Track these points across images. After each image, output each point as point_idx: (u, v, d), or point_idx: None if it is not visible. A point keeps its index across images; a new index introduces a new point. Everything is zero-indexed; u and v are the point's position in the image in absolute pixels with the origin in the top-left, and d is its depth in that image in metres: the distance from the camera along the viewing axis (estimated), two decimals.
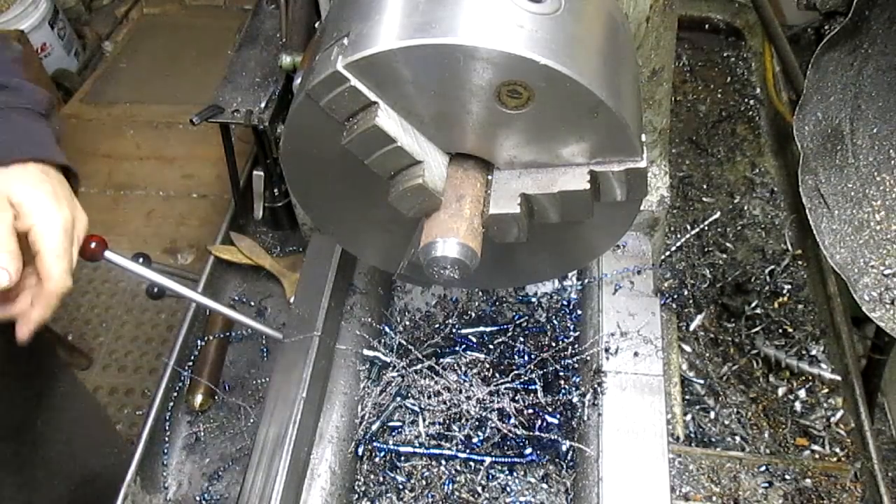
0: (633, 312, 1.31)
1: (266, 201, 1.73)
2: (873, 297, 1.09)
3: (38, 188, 1.02)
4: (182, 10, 4.31)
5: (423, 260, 0.89)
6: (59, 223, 1.01)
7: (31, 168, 1.04)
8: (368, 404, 1.31)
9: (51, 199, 1.02)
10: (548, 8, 0.82)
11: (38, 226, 1.00)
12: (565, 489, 1.25)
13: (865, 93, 1.10)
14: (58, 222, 1.01)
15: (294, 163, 0.97)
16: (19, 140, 1.05)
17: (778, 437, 1.43)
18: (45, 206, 1.01)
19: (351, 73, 0.81)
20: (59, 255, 1.00)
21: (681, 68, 2.17)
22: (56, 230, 1.01)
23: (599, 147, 0.86)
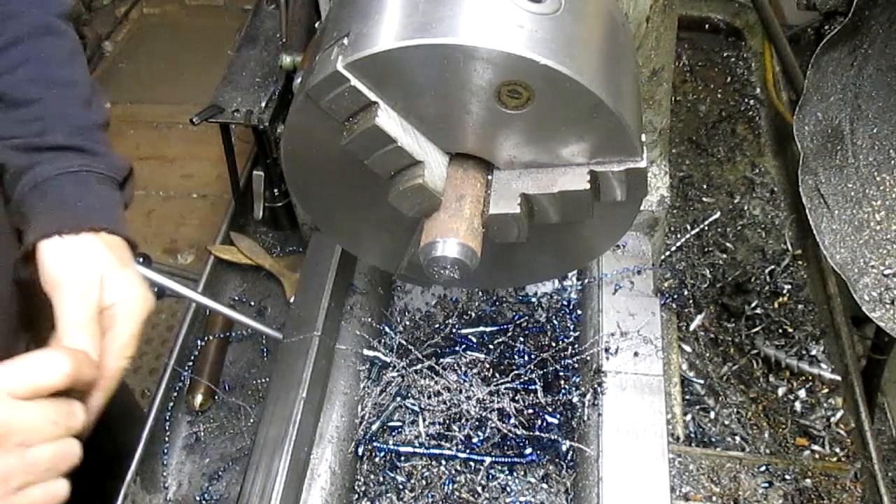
0: (633, 312, 1.31)
1: (266, 201, 1.73)
2: (873, 297, 1.09)
3: (127, 267, 1.01)
4: (182, 10, 4.32)
5: (423, 260, 0.89)
6: (144, 309, 1.00)
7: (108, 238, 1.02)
8: (368, 404, 1.31)
9: (139, 283, 1.01)
10: (548, 8, 0.82)
11: (121, 306, 0.98)
12: (565, 489, 1.25)
13: (865, 93, 1.10)
14: (143, 308, 1.00)
15: (294, 163, 0.97)
16: (95, 208, 1.03)
17: (778, 437, 1.43)
18: (133, 289, 1.00)
19: (351, 73, 0.81)
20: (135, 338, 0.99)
21: (681, 68, 2.17)
22: (140, 316, 1.00)
23: (599, 147, 0.86)
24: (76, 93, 1.09)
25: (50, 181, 1.02)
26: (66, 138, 1.05)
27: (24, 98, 1.05)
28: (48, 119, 1.05)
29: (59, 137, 1.04)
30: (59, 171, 1.03)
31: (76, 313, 0.95)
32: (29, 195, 1.03)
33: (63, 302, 0.95)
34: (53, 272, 0.97)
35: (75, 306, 0.95)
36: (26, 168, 1.03)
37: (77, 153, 1.05)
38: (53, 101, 1.06)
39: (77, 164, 1.04)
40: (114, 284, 0.99)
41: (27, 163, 1.03)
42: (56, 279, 0.97)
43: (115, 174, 1.08)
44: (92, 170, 1.05)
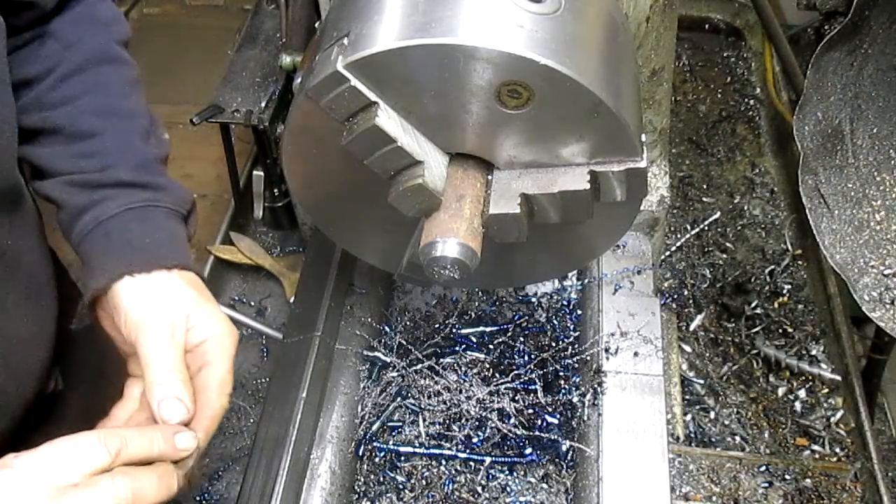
0: (633, 312, 1.31)
1: (266, 201, 1.73)
2: (873, 297, 1.09)
3: (209, 302, 0.97)
4: (182, 10, 4.31)
5: (423, 260, 0.89)
6: (233, 344, 0.96)
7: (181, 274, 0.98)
8: (368, 404, 1.31)
9: (223, 317, 0.97)
10: (548, 8, 0.82)
11: (211, 342, 0.94)
12: (565, 489, 1.25)
13: (865, 93, 1.10)
14: (232, 343, 0.96)
15: (294, 163, 0.97)
16: (164, 244, 0.98)
17: (778, 437, 1.43)
18: (219, 324, 0.96)
19: (351, 73, 0.81)
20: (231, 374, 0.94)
21: (681, 68, 2.17)
22: (231, 351, 0.95)
23: (599, 147, 0.86)
24: (136, 125, 1.04)
25: (114, 219, 0.97)
26: (129, 174, 0.99)
27: (84, 131, 0.99)
28: (109, 154, 1.00)
29: (121, 173, 0.99)
30: (122, 207, 0.97)
31: (165, 357, 0.90)
32: (91, 235, 0.97)
33: (149, 345, 0.90)
34: (135, 314, 0.92)
35: (164, 349, 0.91)
36: (87, 206, 0.98)
37: (140, 189, 1.00)
38: (114, 135, 1.01)
39: (141, 198, 0.99)
40: (199, 321, 0.95)
41: (87, 201, 0.98)
42: (139, 322, 0.91)
43: (180, 207, 1.04)
44: (158, 204, 1.00)
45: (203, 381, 0.92)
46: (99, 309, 0.99)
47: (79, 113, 1.00)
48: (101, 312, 0.99)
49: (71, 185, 0.98)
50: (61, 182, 0.99)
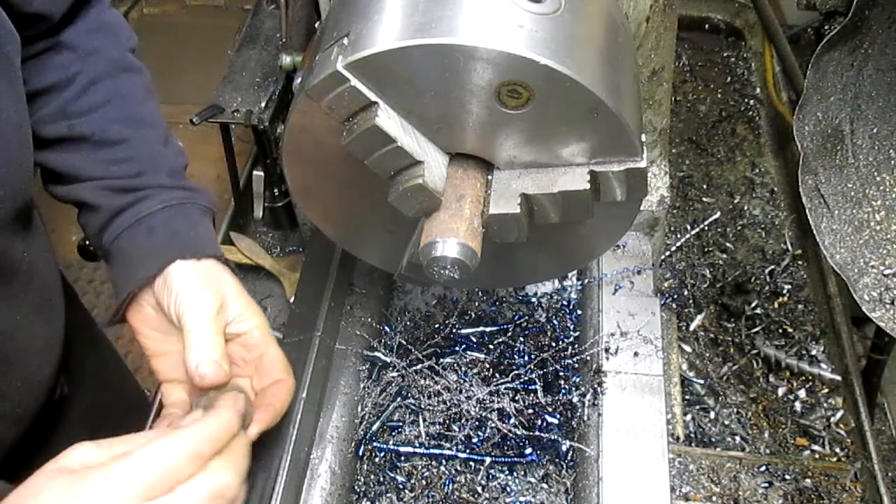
0: (633, 312, 1.31)
1: (266, 201, 1.73)
2: (873, 297, 1.09)
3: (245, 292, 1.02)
4: (182, 10, 4.31)
5: (423, 260, 0.89)
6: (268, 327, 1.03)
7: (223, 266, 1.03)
8: (368, 404, 1.31)
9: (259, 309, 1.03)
10: (548, 8, 0.82)
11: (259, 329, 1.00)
12: (565, 489, 1.25)
13: (865, 93, 1.10)
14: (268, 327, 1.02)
15: (294, 163, 0.97)
16: (206, 238, 1.04)
17: (778, 437, 1.43)
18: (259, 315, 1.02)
19: (351, 73, 0.81)
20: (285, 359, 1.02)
21: (681, 68, 2.17)
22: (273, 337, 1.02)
23: (599, 147, 0.86)
24: (159, 132, 1.08)
25: (155, 215, 1.01)
26: (165, 179, 1.04)
27: (112, 139, 1.03)
28: (141, 160, 1.04)
29: (159, 178, 1.04)
30: (162, 204, 1.02)
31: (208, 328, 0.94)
32: (131, 230, 1.01)
33: (195, 317, 0.94)
34: (186, 291, 0.96)
35: (207, 322, 0.94)
36: (126, 206, 1.02)
37: (178, 189, 1.05)
38: (141, 142, 1.05)
39: (179, 196, 1.04)
40: (244, 311, 1.00)
41: (126, 201, 1.02)
42: (189, 297, 0.95)
43: (212, 206, 1.09)
44: (195, 202, 1.06)
45: (269, 366, 1.00)
46: (134, 304, 1.02)
47: (105, 121, 1.02)
48: (135, 307, 1.02)
49: (107, 189, 1.02)
50: (95, 186, 1.02)
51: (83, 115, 1.02)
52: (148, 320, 1.01)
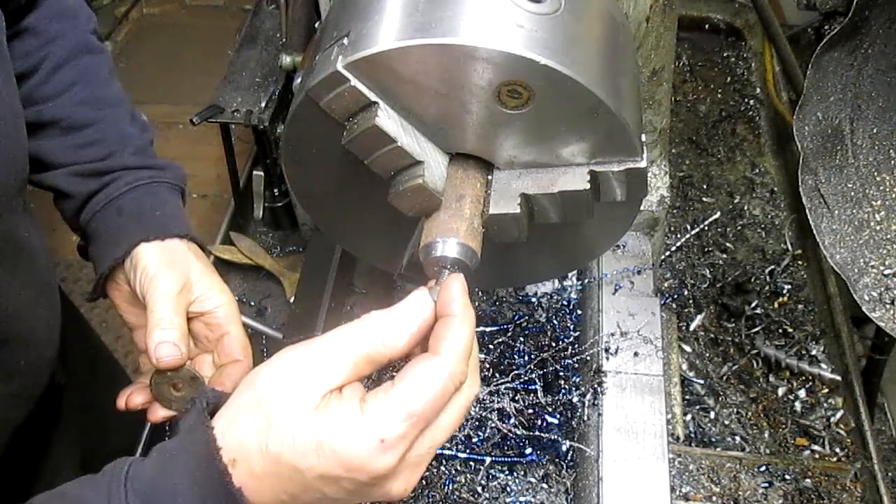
0: (633, 312, 1.31)
1: (266, 201, 1.73)
2: (873, 297, 1.09)
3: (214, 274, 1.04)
4: (182, 10, 4.31)
5: (423, 260, 0.89)
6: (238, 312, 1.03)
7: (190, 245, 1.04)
8: None
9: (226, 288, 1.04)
10: (548, 8, 0.82)
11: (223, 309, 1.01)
12: (565, 489, 1.25)
13: (865, 93, 1.10)
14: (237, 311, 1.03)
15: (294, 163, 0.97)
16: (173, 217, 1.05)
17: (778, 437, 1.43)
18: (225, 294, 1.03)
19: (351, 73, 0.81)
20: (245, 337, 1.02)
21: (681, 68, 2.17)
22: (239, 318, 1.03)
23: (599, 147, 0.86)
24: (123, 111, 1.10)
25: (124, 196, 1.03)
26: (132, 159, 1.06)
27: (79, 122, 1.05)
28: (108, 142, 1.06)
29: (125, 159, 1.06)
30: (130, 185, 1.04)
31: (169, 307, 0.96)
32: (102, 212, 1.03)
33: (158, 295, 0.96)
34: (151, 270, 0.98)
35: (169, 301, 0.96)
36: (96, 190, 1.04)
37: (145, 169, 1.07)
38: (107, 123, 1.07)
39: (146, 176, 1.06)
40: (208, 290, 1.01)
41: (96, 186, 1.04)
42: (153, 276, 0.97)
43: (180, 182, 1.11)
44: (162, 180, 1.07)
45: (228, 347, 1.01)
46: (111, 281, 1.05)
47: (72, 104, 1.05)
48: (112, 284, 1.05)
49: (77, 175, 1.04)
50: (66, 173, 1.04)
51: (50, 100, 1.05)
52: (124, 296, 1.05)
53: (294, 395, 0.65)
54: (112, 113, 1.08)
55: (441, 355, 0.68)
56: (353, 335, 0.70)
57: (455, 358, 0.68)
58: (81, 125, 1.05)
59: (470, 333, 0.71)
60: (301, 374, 0.67)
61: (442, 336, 0.70)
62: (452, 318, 0.71)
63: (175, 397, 0.97)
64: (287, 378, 0.67)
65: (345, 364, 0.67)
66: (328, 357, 0.67)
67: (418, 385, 0.66)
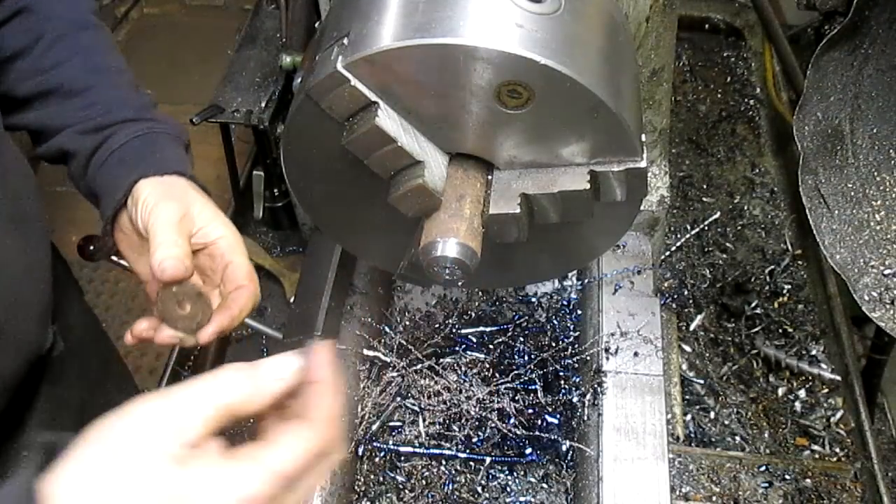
0: (633, 312, 1.31)
1: (266, 201, 1.73)
2: (873, 297, 1.09)
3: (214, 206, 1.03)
4: (182, 10, 4.31)
5: (423, 260, 0.89)
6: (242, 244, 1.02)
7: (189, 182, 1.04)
8: (368, 404, 1.31)
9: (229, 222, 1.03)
10: (547, 8, 0.82)
11: (225, 240, 1.01)
12: (565, 489, 1.25)
13: (865, 93, 1.10)
14: (242, 243, 1.02)
15: (294, 163, 0.97)
16: (173, 159, 1.06)
17: (778, 437, 1.43)
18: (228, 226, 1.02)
19: (351, 73, 0.81)
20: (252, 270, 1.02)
21: (681, 68, 2.17)
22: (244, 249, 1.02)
23: (599, 147, 0.86)
24: (125, 78, 1.13)
25: (124, 147, 1.05)
26: (131, 113, 1.08)
27: (78, 87, 1.08)
28: (108, 101, 1.08)
29: (125, 113, 1.08)
30: (130, 136, 1.06)
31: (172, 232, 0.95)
32: (105, 165, 1.05)
33: (160, 223, 0.96)
34: (151, 202, 0.98)
35: (172, 227, 0.96)
36: (98, 145, 1.06)
37: (144, 121, 1.08)
38: (107, 86, 1.10)
39: (146, 127, 1.07)
40: (210, 221, 1.01)
41: (100, 140, 1.06)
42: (153, 207, 0.97)
43: (181, 135, 1.12)
44: (161, 131, 1.09)
45: (233, 274, 1.00)
46: (119, 233, 1.06)
47: (71, 73, 1.08)
48: (120, 235, 1.06)
49: (80, 133, 1.06)
50: (69, 133, 1.07)
51: (50, 70, 1.08)
52: (132, 244, 1.05)
53: (150, 447, 0.61)
54: (111, 79, 1.11)
55: (314, 421, 0.69)
56: (215, 388, 0.68)
57: (327, 424, 0.69)
58: (81, 89, 1.08)
59: (338, 400, 0.72)
60: (158, 426, 0.62)
61: (314, 403, 0.70)
62: (323, 384, 0.71)
63: (180, 315, 0.96)
64: (142, 430, 0.62)
65: (204, 417, 0.64)
66: (187, 409, 0.64)
67: (289, 448, 0.66)
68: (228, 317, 0.99)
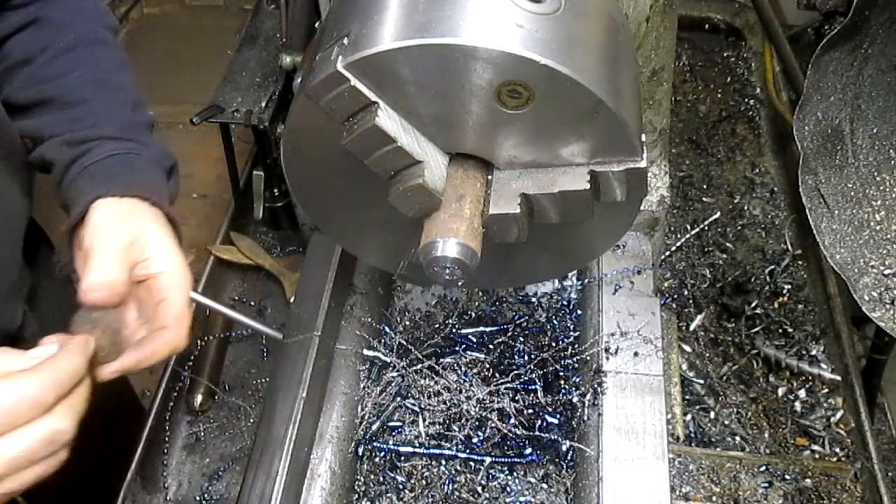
0: (633, 312, 1.31)
1: (266, 201, 1.73)
2: (873, 297, 1.09)
3: (169, 237, 1.00)
4: (182, 10, 4.31)
5: (423, 260, 0.89)
6: (188, 282, 0.99)
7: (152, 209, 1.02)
8: (368, 404, 1.31)
9: (182, 256, 1.00)
10: (548, 8, 0.82)
11: (167, 275, 0.97)
12: (565, 489, 1.25)
13: (865, 93, 1.10)
14: (188, 281, 0.99)
15: (294, 163, 0.97)
16: (141, 181, 1.04)
17: (778, 437, 1.43)
18: (177, 260, 0.99)
19: (351, 73, 0.81)
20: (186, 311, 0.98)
21: (681, 68, 2.17)
22: (186, 288, 0.98)
23: (599, 147, 0.86)
24: (124, 96, 1.13)
25: (98, 163, 1.04)
26: (114, 131, 1.08)
27: (75, 99, 1.08)
28: (98, 116, 1.08)
29: (108, 130, 1.07)
30: (106, 154, 1.05)
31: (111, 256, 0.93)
32: (77, 179, 1.04)
33: (100, 246, 0.93)
34: (97, 222, 0.96)
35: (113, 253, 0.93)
36: (75, 158, 1.05)
37: (125, 141, 1.08)
38: (103, 101, 1.10)
39: (124, 147, 1.07)
40: (158, 253, 0.98)
41: (77, 153, 1.05)
42: (98, 228, 0.95)
43: (162, 160, 1.10)
44: (139, 153, 1.08)
45: (161, 312, 0.96)
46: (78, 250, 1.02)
47: (70, 85, 1.09)
48: (77, 251, 1.02)
49: (62, 144, 1.07)
50: (53, 143, 1.07)
51: (51, 80, 1.08)
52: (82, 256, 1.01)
53: None
54: (110, 95, 1.11)
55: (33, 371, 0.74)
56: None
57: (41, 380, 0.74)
58: (76, 102, 1.08)
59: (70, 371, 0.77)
60: None
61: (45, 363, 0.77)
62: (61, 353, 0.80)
63: None
64: None
65: None
66: None
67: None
68: (135, 359, 0.94)
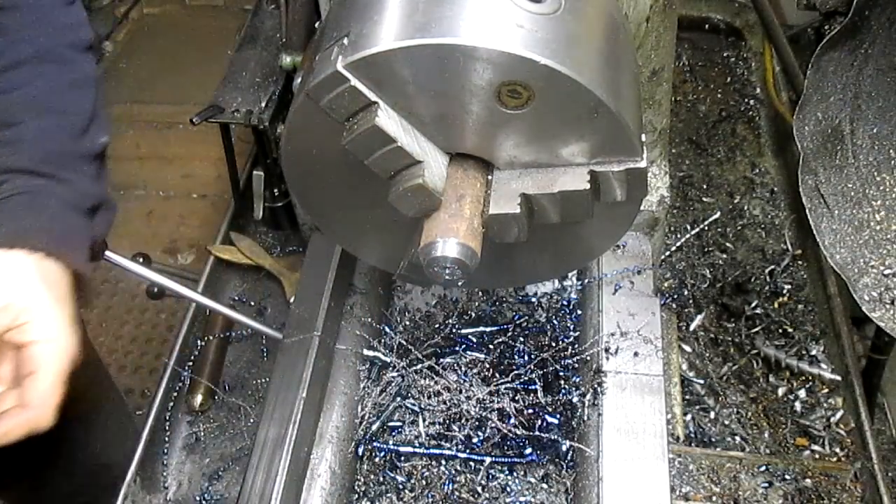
0: (633, 312, 1.31)
1: (266, 201, 1.73)
2: (873, 297, 1.09)
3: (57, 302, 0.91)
4: (182, 10, 4.31)
5: (423, 260, 0.89)
6: (66, 355, 0.90)
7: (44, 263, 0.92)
8: (368, 404, 1.31)
9: (65, 324, 0.91)
10: (548, 8, 0.82)
11: (41, 347, 0.89)
12: (565, 489, 1.25)
13: (865, 93, 1.10)
14: (66, 354, 0.90)
15: (294, 163, 0.97)
16: (42, 230, 0.95)
17: (778, 437, 1.43)
18: (57, 329, 0.90)
19: (351, 73, 0.81)
20: (55, 387, 0.88)
21: (681, 68, 2.17)
22: (62, 362, 0.89)
23: (599, 147, 0.86)
24: (66, 122, 1.04)
25: (3, 201, 0.96)
26: (33, 163, 0.99)
27: (8, 121, 1.01)
28: (24, 142, 1.00)
29: (25, 161, 0.98)
30: (14, 191, 0.97)
31: None
32: None
33: None
34: None
35: None
36: None
37: (38, 176, 0.99)
38: (36, 127, 1.01)
39: (34, 185, 0.98)
40: (37, 319, 0.89)
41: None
42: None
43: (80, 201, 1.02)
44: (52, 193, 0.98)
45: (26, 387, 0.88)
46: None
47: (10, 104, 1.01)
48: None
49: None
50: None
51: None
52: None
53: None
54: (47, 120, 1.02)
55: None
56: None
57: None
58: (9, 124, 1.01)
59: None
60: None
61: None
62: None
63: None
64: None
65: None
66: None
67: None
68: None
